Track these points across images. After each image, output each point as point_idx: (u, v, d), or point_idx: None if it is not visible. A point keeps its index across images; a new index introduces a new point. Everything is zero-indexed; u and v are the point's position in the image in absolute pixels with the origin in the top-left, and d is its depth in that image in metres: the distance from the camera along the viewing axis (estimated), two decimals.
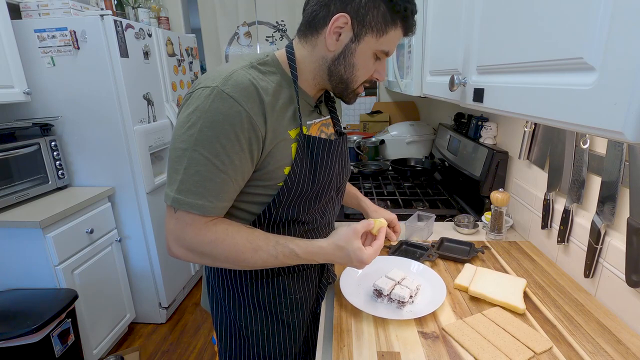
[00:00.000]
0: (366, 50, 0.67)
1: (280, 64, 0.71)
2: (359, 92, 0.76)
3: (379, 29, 0.65)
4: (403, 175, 1.86)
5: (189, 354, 1.96)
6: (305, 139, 0.71)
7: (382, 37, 0.66)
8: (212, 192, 0.62)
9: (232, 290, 0.82)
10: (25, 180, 1.66)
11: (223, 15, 2.66)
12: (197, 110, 0.61)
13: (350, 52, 0.68)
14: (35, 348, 1.38)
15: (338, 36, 0.66)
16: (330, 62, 0.70)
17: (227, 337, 0.87)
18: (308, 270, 0.86)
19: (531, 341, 0.69)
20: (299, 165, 0.71)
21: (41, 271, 1.57)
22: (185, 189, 0.62)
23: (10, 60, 1.59)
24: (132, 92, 1.85)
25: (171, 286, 2.22)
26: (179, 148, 0.62)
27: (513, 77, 0.59)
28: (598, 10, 0.38)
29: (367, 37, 0.66)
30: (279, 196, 0.71)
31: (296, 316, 0.85)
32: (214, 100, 0.61)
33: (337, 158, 0.80)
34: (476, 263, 1.00)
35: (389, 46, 0.68)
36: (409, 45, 1.38)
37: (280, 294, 0.82)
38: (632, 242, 0.70)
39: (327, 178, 0.77)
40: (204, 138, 0.60)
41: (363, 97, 2.79)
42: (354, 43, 0.67)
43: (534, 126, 1.10)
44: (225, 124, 0.61)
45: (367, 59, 0.69)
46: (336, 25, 0.65)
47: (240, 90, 0.62)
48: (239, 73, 0.64)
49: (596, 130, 0.40)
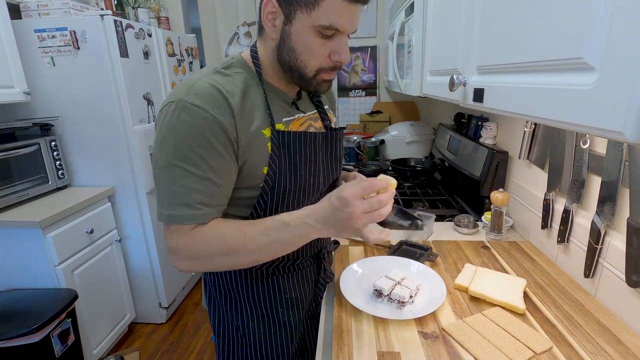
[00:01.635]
0: (301, 30, 0.62)
1: (246, 63, 0.71)
2: (324, 78, 0.69)
3: (307, 2, 0.60)
4: (403, 175, 1.86)
5: (189, 354, 1.96)
6: (279, 135, 0.69)
7: (315, 10, 0.60)
8: (199, 200, 0.62)
9: (228, 291, 0.83)
10: (25, 180, 1.66)
11: (223, 15, 2.66)
12: (166, 126, 0.62)
13: (287, 36, 0.64)
14: (35, 348, 1.38)
15: (273, 22, 0.64)
16: (276, 51, 0.67)
17: (225, 338, 0.87)
18: (304, 269, 0.86)
19: (531, 341, 0.69)
20: (276, 163, 0.70)
21: (41, 271, 1.57)
22: (174, 203, 0.62)
23: (10, 60, 1.59)
24: (132, 92, 1.85)
25: (171, 286, 2.22)
26: (158, 167, 0.63)
27: (513, 77, 0.59)
28: (598, 10, 0.38)
29: (298, 15, 0.61)
30: (262, 196, 0.71)
31: (292, 315, 0.84)
32: (180, 113, 0.61)
33: (321, 151, 0.78)
34: (476, 263, 1.00)
35: (328, 19, 0.61)
36: (409, 45, 1.38)
37: (275, 293, 0.82)
38: (632, 242, 0.70)
39: (311, 173, 0.75)
40: (178, 151, 0.61)
41: (363, 97, 2.79)
42: (287, 25, 0.63)
43: (534, 126, 1.10)
44: (196, 132, 0.60)
45: (306, 39, 0.63)
46: (267, 12, 0.64)
47: (203, 98, 0.61)
48: (201, 81, 0.64)
49: (596, 130, 0.40)
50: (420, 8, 1.21)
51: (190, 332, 2.13)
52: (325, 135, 0.79)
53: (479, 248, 1.09)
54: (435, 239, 1.17)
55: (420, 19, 1.22)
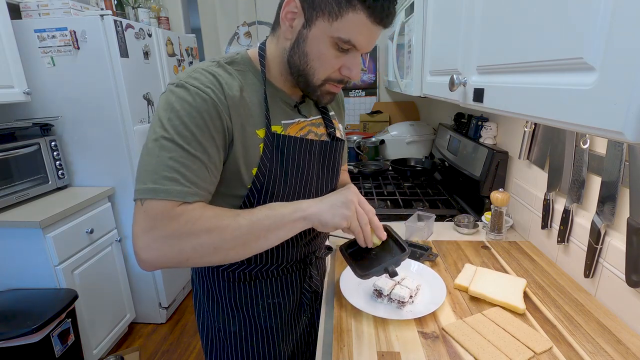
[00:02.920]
0: (319, 37, 0.61)
1: (251, 61, 0.70)
2: (330, 90, 0.69)
3: (332, 12, 0.59)
4: (403, 175, 1.86)
5: (189, 354, 1.96)
6: (273, 137, 0.68)
7: (337, 22, 0.59)
8: (188, 177, 0.58)
9: (211, 292, 0.82)
10: (25, 180, 1.66)
11: (223, 15, 2.66)
12: (164, 104, 0.61)
13: (302, 39, 0.63)
14: (35, 348, 1.38)
15: (292, 22, 0.63)
16: (288, 52, 0.66)
17: (209, 338, 0.87)
18: (288, 275, 0.84)
19: (531, 341, 0.69)
20: (266, 166, 0.68)
21: (41, 271, 1.57)
22: (159, 177, 0.56)
23: (10, 60, 1.59)
24: (132, 92, 1.85)
25: (171, 286, 2.22)
26: (149, 141, 0.60)
27: (513, 77, 0.59)
28: (598, 10, 0.38)
29: (319, 22, 0.60)
30: (249, 198, 0.69)
31: (274, 320, 0.83)
32: (179, 94, 0.60)
33: (316, 161, 0.76)
34: (476, 263, 1.00)
35: (349, 33, 0.60)
36: (409, 45, 1.38)
37: (257, 298, 0.81)
38: (632, 242, 0.70)
39: (302, 181, 0.74)
40: (172, 127, 0.59)
41: (363, 97, 2.79)
42: (305, 29, 0.62)
43: (534, 126, 1.10)
44: (193, 111, 0.59)
45: (322, 47, 0.62)
46: (287, 11, 0.63)
47: (204, 82, 0.62)
48: (203, 68, 0.65)
49: (596, 130, 0.40)
50: (420, 8, 1.21)
51: (190, 332, 2.13)
52: (323, 144, 0.77)
53: (479, 248, 1.09)
54: (435, 239, 1.17)
55: (420, 19, 1.22)
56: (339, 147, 0.82)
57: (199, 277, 0.85)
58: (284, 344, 0.87)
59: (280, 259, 0.80)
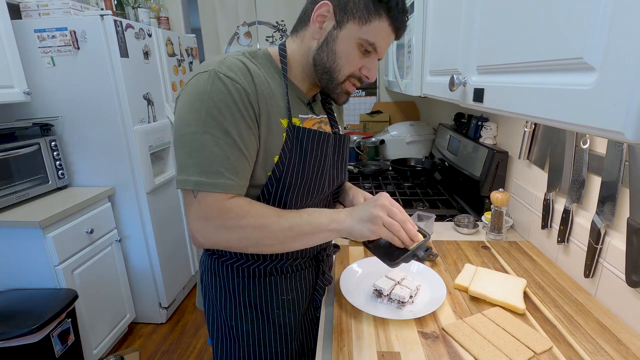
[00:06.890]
0: (348, 37, 0.68)
1: (271, 57, 0.74)
2: (348, 89, 0.75)
3: (362, 17, 0.66)
4: (403, 175, 1.86)
5: (189, 354, 1.96)
6: (294, 129, 0.72)
7: (366, 26, 0.67)
8: (230, 170, 0.64)
9: (224, 289, 0.82)
10: (25, 180, 1.66)
11: (223, 15, 2.66)
12: (198, 94, 0.63)
13: (332, 39, 0.69)
14: (35, 348, 1.38)
15: (322, 24, 0.69)
16: (315, 51, 0.71)
17: (220, 337, 0.87)
18: (302, 271, 0.86)
19: (531, 341, 0.69)
20: (286, 154, 0.71)
21: (41, 271, 1.57)
22: (204, 170, 0.62)
23: (10, 60, 1.59)
24: (132, 92, 1.85)
25: (171, 286, 2.22)
26: (187, 133, 0.63)
27: (513, 77, 0.59)
28: (598, 10, 0.38)
29: (349, 24, 0.67)
30: (267, 187, 0.72)
31: (287, 317, 0.84)
32: (213, 82, 0.63)
33: (331, 152, 0.80)
34: (476, 263, 1.00)
35: (374, 37, 0.68)
36: (409, 45, 1.38)
37: (272, 294, 0.82)
38: (632, 242, 0.70)
39: (318, 172, 0.77)
40: (210, 119, 0.62)
41: (363, 97, 2.79)
42: (336, 30, 0.68)
43: (534, 126, 1.10)
44: (229, 101, 0.63)
45: (350, 47, 0.69)
46: (319, 14, 0.68)
47: (235, 70, 0.65)
48: (232, 57, 0.68)
49: (596, 130, 0.40)
50: (420, 8, 1.22)
51: (190, 332, 2.13)
52: (337, 137, 0.82)
53: (479, 248, 1.09)
54: (435, 239, 1.17)
55: (420, 18, 1.22)
56: (347, 141, 0.87)
57: (210, 274, 0.84)
58: (296, 342, 0.87)
59: (295, 254, 0.83)
